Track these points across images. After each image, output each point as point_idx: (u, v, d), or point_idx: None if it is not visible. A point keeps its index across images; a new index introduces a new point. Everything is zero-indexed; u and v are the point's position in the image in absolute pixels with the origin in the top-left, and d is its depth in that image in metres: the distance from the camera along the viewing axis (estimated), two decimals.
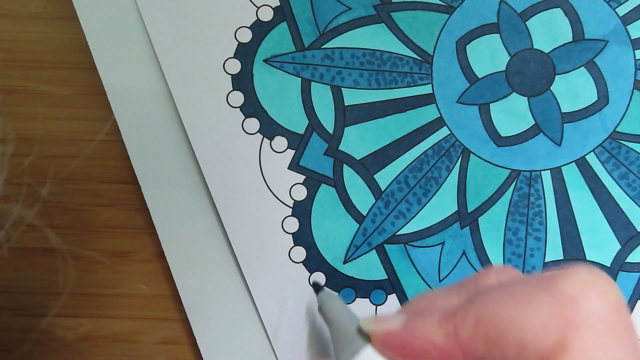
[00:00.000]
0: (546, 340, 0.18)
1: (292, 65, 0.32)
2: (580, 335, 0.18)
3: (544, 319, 0.19)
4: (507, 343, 0.19)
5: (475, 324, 0.20)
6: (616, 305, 0.19)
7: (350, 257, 0.32)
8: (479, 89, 0.32)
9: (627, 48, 0.31)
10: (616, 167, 0.32)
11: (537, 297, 0.19)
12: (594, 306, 0.19)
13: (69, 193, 0.34)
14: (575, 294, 0.19)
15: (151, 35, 0.32)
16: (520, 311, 0.19)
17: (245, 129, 0.32)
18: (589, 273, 0.19)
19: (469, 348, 0.20)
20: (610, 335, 0.18)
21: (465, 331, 0.20)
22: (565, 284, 0.19)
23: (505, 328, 0.19)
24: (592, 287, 0.19)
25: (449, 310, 0.21)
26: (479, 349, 0.20)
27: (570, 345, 0.18)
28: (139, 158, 0.33)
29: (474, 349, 0.20)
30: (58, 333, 0.34)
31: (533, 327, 0.19)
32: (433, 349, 0.20)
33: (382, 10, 0.32)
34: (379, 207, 0.32)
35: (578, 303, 0.19)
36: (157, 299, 0.34)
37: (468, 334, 0.20)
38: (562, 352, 0.18)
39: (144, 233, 0.34)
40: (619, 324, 0.19)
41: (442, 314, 0.21)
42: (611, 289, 0.19)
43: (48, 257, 0.34)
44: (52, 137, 0.34)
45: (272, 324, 0.32)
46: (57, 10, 0.34)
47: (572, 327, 0.18)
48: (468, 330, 0.20)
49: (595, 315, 0.18)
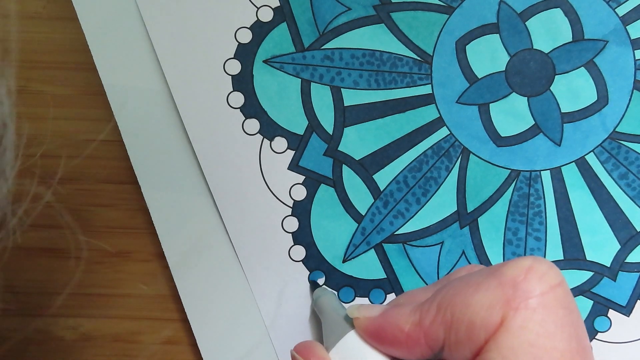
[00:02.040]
0: (491, 319, 0.20)
1: (292, 66, 0.32)
2: (519, 313, 0.20)
3: (489, 301, 0.21)
4: (460, 325, 0.21)
5: (437, 311, 0.22)
6: (554, 286, 0.21)
7: (349, 256, 0.32)
8: (479, 89, 0.32)
9: (626, 48, 0.31)
10: (616, 167, 0.32)
11: (486, 282, 0.21)
12: (532, 287, 0.21)
13: (69, 193, 0.34)
14: (517, 277, 0.21)
15: (151, 36, 0.32)
16: (471, 295, 0.21)
17: (246, 130, 0.33)
18: (532, 260, 0.21)
19: (430, 333, 0.22)
20: (546, 312, 0.20)
21: (427, 318, 0.22)
22: (510, 270, 0.21)
23: (459, 312, 0.21)
24: (532, 271, 0.21)
25: (419, 302, 0.23)
26: (439, 333, 0.22)
27: (510, 322, 0.20)
28: (139, 158, 0.33)
29: (435, 333, 0.22)
30: (58, 333, 0.34)
31: (480, 309, 0.21)
32: (401, 335, 0.23)
33: (381, 10, 0.32)
34: (377, 206, 0.32)
35: (518, 285, 0.21)
36: (157, 299, 0.34)
37: (430, 320, 0.22)
38: (503, 329, 0.20)
39: (144, 233, 0.34)
40: (555, 302, 0.21)
41: (413, 306, 0.23)
42: (550, 272, 0.21)
43: (48, 257, 0.34)
44: (52, 137, 0.34)
45: (272, 322, 0.32)
46: (57, 10, 0.34)
47: (512, 306, 0.20)
48: (430, 317, 0.22)
49: (533, 295, 0.20)
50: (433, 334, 0.22)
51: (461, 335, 0.21)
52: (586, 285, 0.32)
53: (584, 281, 0.32)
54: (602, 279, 0.32)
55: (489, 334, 0.20)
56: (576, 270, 0.32)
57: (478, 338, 0.21)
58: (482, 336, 0.21)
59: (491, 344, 0.20)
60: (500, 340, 0.20)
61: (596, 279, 0.32)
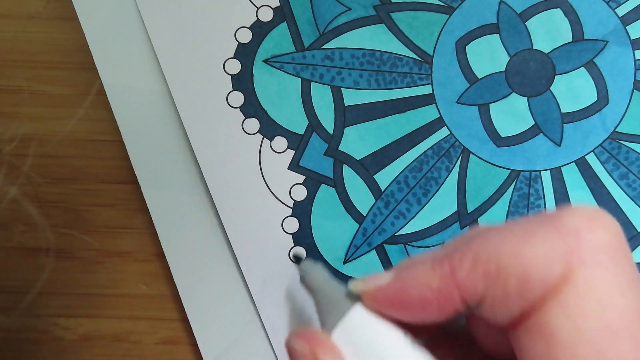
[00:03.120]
0: (550, 272, 0.18)
1: (292, 66, 0.32)
2: (586, 267, 0.18)
3: (548, 252, 0.18)
4: (508, 277, 0.18)
5: (474, 261, 0.19)
6: (619, 238, 0.19)
7: (350, 257, 0.32)
8: (479, 89, 0.32)
9: (626, 48, 0.31)
10: (616, 167, 0.32)
11: (540, 231, 0.19)
12: (598, 239, 0.18)
13: (69, 193, 0.34)
14: (580, 227, 0.18)
15: (151, 36, 0.32)
16: (522, 245, 0.19)
17: (245, 129, 0.32)
18: (591, 209, 0.19)
19: (467, 286, 0.19)
20: (615, 267, 0.18)
21: (462, 269, 0.19)
22: (569, 219, 0.19)
23: (507, 262, 0.18)
24: (595, 220, 0.19)
25: (440, 256, 0.20)
26: (478, 286, 0.19)
27: (576, 276, 0.18)
28: (139, 158, 0.33)
29: (473, 286, 0.19)
30: (58, 333, 0.34)
31: (537, 260, 0.18)
32: (430, 293, 0.20)
33: (381, 10, 0.32)
34: (378, 207, 0.32)
35: (582, 235, 0.18)
36: (157, 299, 0.34)
37: (466, 271, 0.19)
38: (567, 283, 0.18)
39: (144, 233, 0.34)
40: (623, 256, 0.18)
41: (433, 259, 0.20)
42: (613, 223, 0.19)
43: (48, 257, 0.34)
44: (52, 137, 0.34)
45: (272, 323, 0.32)
46: (57, 10, 0.34)
47: (577, 258, 0.18)
48: (466, 268, 0.19)
49: (600, 248, 0.18)
50: (470, 286, 0.19)
51: (511, 289, 0.18)
52: None
53: None
54: None
55: (547, 289, 0.18)
56: None
57: (533, 293, 0.18)
58: (538, 291, 0.18)
59: (552, 302, 0.18)
60: (565, 297, 0.18)
61: None
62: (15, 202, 0.34)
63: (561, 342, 0.18)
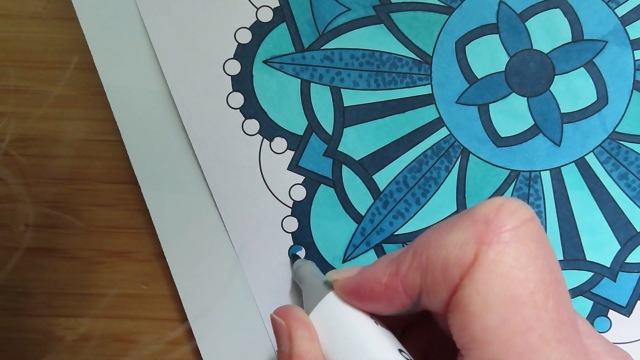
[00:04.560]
0: (464, 256, 0.21)
1: (291, 66, 0.32)
2: (492, 248, 0.20)
3: (462, 239, 0.21)
4: (435, 266, 0.21)
5: (412, 258, 0.22)
6: (526, 221, 0.21)
7: (349, 257, 0.32)
8: (478, 89, 0.32)
9: (626, 48, 0.31)
10: (616, 168, 0.32)
11: (459, 222, 0.21)
12: (504, 222, 0.21)
13: (69, 193, 0.34)
14: (489, 214, 0.21)
15: (151, 36, 0.32)
16: (444, 236, 0.21)
17: (245, 130, 0.33)
18: (503, 199, 0.21)
19: (407, 280, 0.22)
20: (518, 245, 0.20)
21: (404, 266, 0.22)
22: (482, 209, 0.21)
23: (434, 254, 0.21)
24: (504, 207, 0.21)
25: (397, 255, 0.23)
26: (415, 279, 0.22)
27: (483, 257, 0.20)
28: (139, 158, 0.33)
29: (411, 280, 0.22)
30: (58, 333, 0.34)
31: (454, 247, 0.21)
32: (379, 287, 0.23)
33: (381, 10, 0.32)
34: (377, 207, 0.32)
35: (491, 221, 0.21)
36: (157, 299, 0.34)
37: (406, 268, 0.22)
38: (477, 264, 0.20)
39: (144, 233, 0.34)
40: (527, 236, 0.21)
41: (389, 259, 0.23)
42: (522, 208, 0.21)
43: (48, 257, 0.34)
44: (52, 137, 0.34)
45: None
46: (57, 10, 0.34)
47: (484, 241, 0.20)
48: (406, 265, 0.22)
49: (505, 230, 0.20)
50: (410, 280, 0.22)
51: (437, 276, 0.21)
52: (586, 286, 0.32)
53: (583, 281, 0.32)
54: (602, 279, 0.32)
55: (463, 271, 0.21)
56: (576, 271, 0.32)
57: (453, 277, 0.21)
58: (457, 274, 0.21)
59: (466, 281, 0.20)
60: (474, 275, 0.20)
61: (596, 279, 0.32)
62: (15, 202, 0.34)
63: (472, 313, 0.20)
